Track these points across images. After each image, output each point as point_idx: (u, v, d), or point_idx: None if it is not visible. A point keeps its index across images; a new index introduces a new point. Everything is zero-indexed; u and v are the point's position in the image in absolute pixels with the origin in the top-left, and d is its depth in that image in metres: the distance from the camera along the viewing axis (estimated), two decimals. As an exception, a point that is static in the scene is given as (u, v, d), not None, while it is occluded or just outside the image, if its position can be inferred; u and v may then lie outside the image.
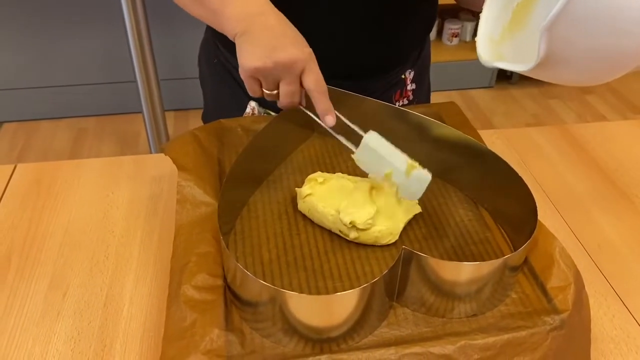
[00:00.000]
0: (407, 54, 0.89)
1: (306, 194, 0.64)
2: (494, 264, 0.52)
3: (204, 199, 0.63)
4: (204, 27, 0.89)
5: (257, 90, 0.63)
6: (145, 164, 0.87)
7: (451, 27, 2.73)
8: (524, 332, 0.51)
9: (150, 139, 2.09)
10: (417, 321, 0.53)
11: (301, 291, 0.55)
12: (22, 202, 0.79)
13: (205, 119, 0.99)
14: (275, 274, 0.57)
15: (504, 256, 0.53)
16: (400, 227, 0.62)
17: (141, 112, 2.02)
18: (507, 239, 0.63)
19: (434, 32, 2.38)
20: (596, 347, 0.60)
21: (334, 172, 0.68)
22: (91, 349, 0.59)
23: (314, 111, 0.63)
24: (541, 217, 0.57)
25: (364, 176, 0.68)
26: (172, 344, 0.50)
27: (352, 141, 0.62)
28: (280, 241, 0.61)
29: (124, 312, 0.63)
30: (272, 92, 0.63)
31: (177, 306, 0.52)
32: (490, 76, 2.77)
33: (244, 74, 0.62)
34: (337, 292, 0.53)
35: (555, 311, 0.53)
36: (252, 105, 0.87)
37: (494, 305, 0.54)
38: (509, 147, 0.92)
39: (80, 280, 0.67)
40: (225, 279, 0.56)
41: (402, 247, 0.52)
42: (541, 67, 0.49)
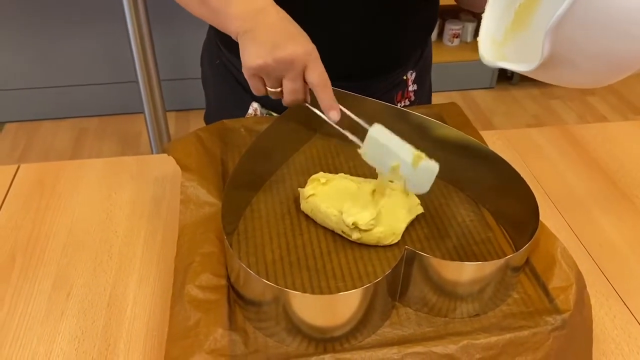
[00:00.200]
0: (408, 55, 0.89)
1: (309, 194, 0.64)
2: (496, 264, 0.52)
3: (207, 199, 0.64)
4: (205, 27, 0.90)
5: (261, 88, 0.63)
6: (147, 164, 0.87)
7: (452, 27, 2.73)
8: (526, 332, 0.51)
9: (151, 139, 2.09)
10: (419, 321, 0.54)
11: (304, 291, 0.56)
12: (26, 202, 0.80)
13: (207, 119, 0.99)
14: (278, 274, 0.58)
15: (506, 256, 0.53)
16: (402, 227, 0.62)
17: (142, 113, 2.02)
18: (508, 239, 0.63)
19: (434, 33, 2.37)
20: (597, 347, 0.60)
21: (337, 173, 0.68)
22: (95, 349, 0.60)
23: (319, 107, 0.62)
24: (542, 217, 0.57)
25: (366, 177, 0.69)
26: (176, 344, 0.50)
27: (358, 137, 0.61)
28: (283, 241, 0.62)
29: (127, 311, 0.64)
30: (276, 89, 0.63)
31: (181, 306, 0.52)
32: (491, 77, 2.77)
33: (246, 72, 0.62)
34: (340, 292, 0.54)
35: (557, 311, 0.53)
36: (254, 106, 0.87)
37: (496, 305, 0.55)
38: (509, 147, 0.92)
39: (84, 280, 0.68)
40: (228, 279, 0.56)
41: (405, 247, 0.52)
42: (544, 68, 0.49)
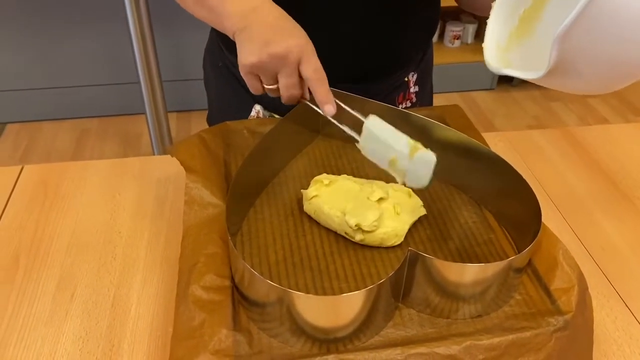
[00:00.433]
0: (408, 55, 0.89)
1: (312, 195, 0.64)
2: (499, 265, 0.53)
3: (211, 200, 0.64)
4: (206, 28, 0.90)
5: (258, 87, 0.63)
6: (150, 165, 0.88)
7: (453, 29, 2.74)
8: (528, 333, 0.51)
9: (153, 140, 2.10)
10: (422, 322, 0.54)
11: (307, 292, 0.56)
12: (30, 203, 0.80)
13: (210, 121, 0.99)
14: (282, 275, 0.58)
15: (509, 258, 0.54)
16: (405, 229, 0.62)
17: (144, 113, 2.02)
18: (510, 240, 0.64)
19: (435, 34, 2.38)
20: (599, 348, 0.60)
21: (340, 174, 0.69)
22: (99, 349, 0.60)
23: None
24: (544, 219, 0.57)
25: (369, 178, 0.69)
26: (181, 344, 0.50)
27: (359, 135, 0.61)
28: (286, 242, 0.62)
29: (131, 312, 0.64)
30: (273, 87, 0.62)
31: (185, 306, 0.53)
32: (491, 78, 2.77)
33: (242, 71, 0.62)
34: (343, 293, 0.54)
35: (559, 312, 0.53)
36: (257, 108, 0.87)
37: (499, 306, 0.55)
38: (511, 149, 0.93)
39: (88, 280, 0.68)
40: (232, 280, 0.56)
41: (409, 248, 0.52)
42: (550, 76, 0.49)
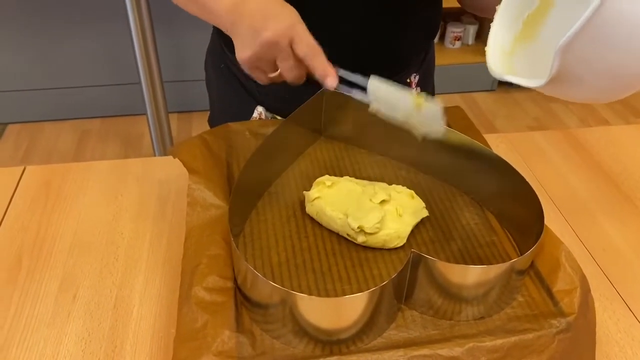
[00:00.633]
0: (409, 56, 0.89)
1: (314, 197, 0.64)
2: (502, 267, 0.53)
3: (214, 202, 0.64)
4: (208, 29, 0.90)
5: (263, 77, 0.63)
6: (152, 166, 0.88)
7: (453, 30, 2.74)
8: (530, 335, 0.51)
9: (154, 140, 2.10)
10: (425, 324, 0.54)
11: (310, 293, 0.56)
12: (32, 204, 0.80)
13: (211, 122, 0.99)
14: (284, 276, 0.58)
15: (511, 259, 0.54)
16: (407, 230, 0.62)
17: (145, 114, 2.03)
18: (513, 242, 0.64)
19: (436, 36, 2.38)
20: (601, 350, 0.60)
21: (342, 176, 0.69)
22: (102, 350, 0.60)
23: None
24: (546, 221, 0.57)
25: (371, 180, 0.69)
26: (184, 345, 0.50)
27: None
28: (289, 244, 0.62)
29: (133, 313, 0.64)
30: (275, 73, 0.62)
31: (188, 307, 0.53)
32: (492, 79, 2.77)
33: (243, 66, 0.62)
34: (346, 295, 0.54)
35: (561, 314, 0.53)
36: (259, 110, 0.87)
37: (501, 308, 0.55)
38: (513, 151, 0.93)
39: (90, 281, 0.68)
40: (235, 281, 0.56)
41: (411, 250, 0.52)
42: (552, 84, 0.49)
